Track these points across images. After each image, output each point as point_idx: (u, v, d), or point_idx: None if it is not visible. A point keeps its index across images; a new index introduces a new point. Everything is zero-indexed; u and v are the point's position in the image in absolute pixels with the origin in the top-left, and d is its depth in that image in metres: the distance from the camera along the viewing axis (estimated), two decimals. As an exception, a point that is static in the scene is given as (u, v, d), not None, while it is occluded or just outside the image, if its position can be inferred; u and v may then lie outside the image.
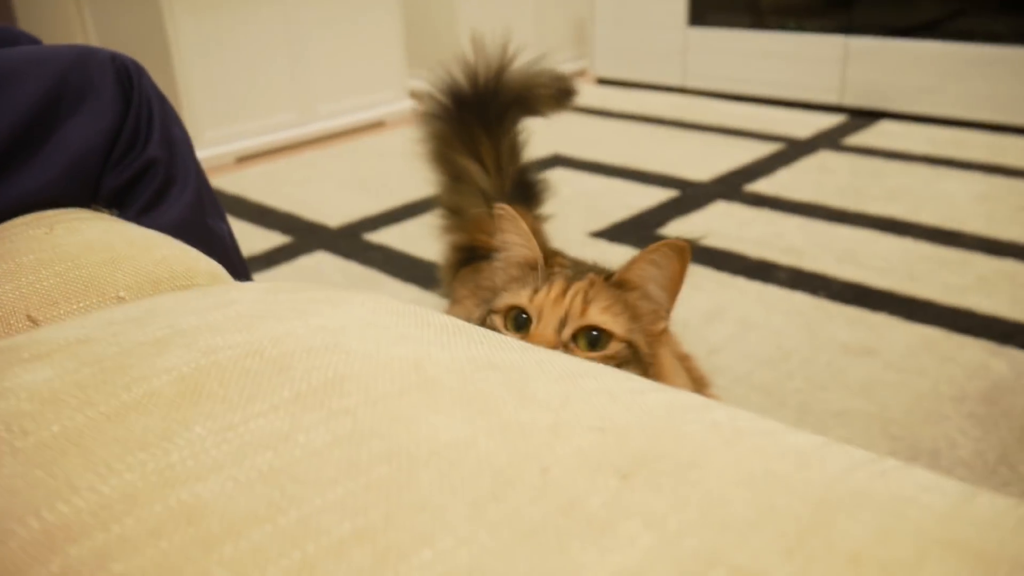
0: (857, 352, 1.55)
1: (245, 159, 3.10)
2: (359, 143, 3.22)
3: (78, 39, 3.23)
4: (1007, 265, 1.86)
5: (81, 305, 0.61)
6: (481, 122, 1.10)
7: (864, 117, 3.12)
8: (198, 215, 0.90)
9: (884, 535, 0.26)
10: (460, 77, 1.10)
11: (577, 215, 2.29)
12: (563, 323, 0.74)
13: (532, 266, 0.80)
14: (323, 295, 0.52)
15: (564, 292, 0.75)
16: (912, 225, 2.11)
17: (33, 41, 1.02)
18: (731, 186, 2.48)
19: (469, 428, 0.32)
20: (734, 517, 0.26)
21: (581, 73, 4.20)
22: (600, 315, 0.73)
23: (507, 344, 0.44)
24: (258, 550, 0.26)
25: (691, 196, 2.41)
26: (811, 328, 1.64)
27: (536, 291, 0.76)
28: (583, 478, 0.29)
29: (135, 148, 0.86)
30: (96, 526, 0.28)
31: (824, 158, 2.69)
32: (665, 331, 0.78)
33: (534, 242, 0.80)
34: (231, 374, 0.37)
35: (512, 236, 0.81)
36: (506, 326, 0.77)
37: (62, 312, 0.60)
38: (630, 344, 0.74)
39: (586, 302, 0.74)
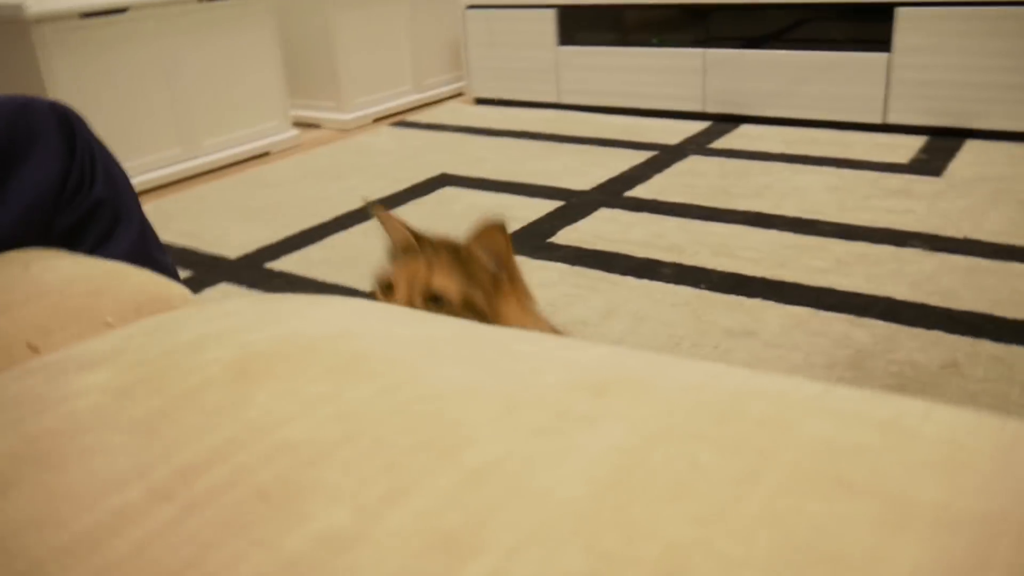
0: (739, 334, 1.72)
1: (132, 197, 3.08)
2: (246, 174, 3.25)
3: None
4: (859, 247, 2.09)
5: (75, 331, 0.68)
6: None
7: (726, 122, 3.37)
8: (144, 248, 0.97)
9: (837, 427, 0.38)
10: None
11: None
12: (411, 287, 0.94)
13: (410, 248, 1.00)
14: (304, 300, 0.62)
15: (415, 264, 0.95)
16: (776, 217, 2.33)
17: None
18: (612, 193, 2.65)
19: (473, 375, 0.43)
20: (675, 409, 0.38)
21: (459, 94, 4.34)
22: (438, 280, 0.94)
23: (470, 324, 0.55)
24: (350, 462, 0.36)
25: (576, 205, 2.57)
26: (697, 316, 1.81)
27: (397, 266, 0.97)
28: (566, 397, 0.40)
29: (82, 190, 0.92)
30: (219, 461, 0.37)
31: (694, 162, 2.91)
32: (509, 292, 0.97)
33: (404, 231, 1.01)
34: (270, 358, 0.46)
35: (390, 229, 1.02)
36: (382, 293, 0.97)
37: (58, 339, 0.67)
38: (466, 300, 0.94)
39: (430, 271, 0.94)
